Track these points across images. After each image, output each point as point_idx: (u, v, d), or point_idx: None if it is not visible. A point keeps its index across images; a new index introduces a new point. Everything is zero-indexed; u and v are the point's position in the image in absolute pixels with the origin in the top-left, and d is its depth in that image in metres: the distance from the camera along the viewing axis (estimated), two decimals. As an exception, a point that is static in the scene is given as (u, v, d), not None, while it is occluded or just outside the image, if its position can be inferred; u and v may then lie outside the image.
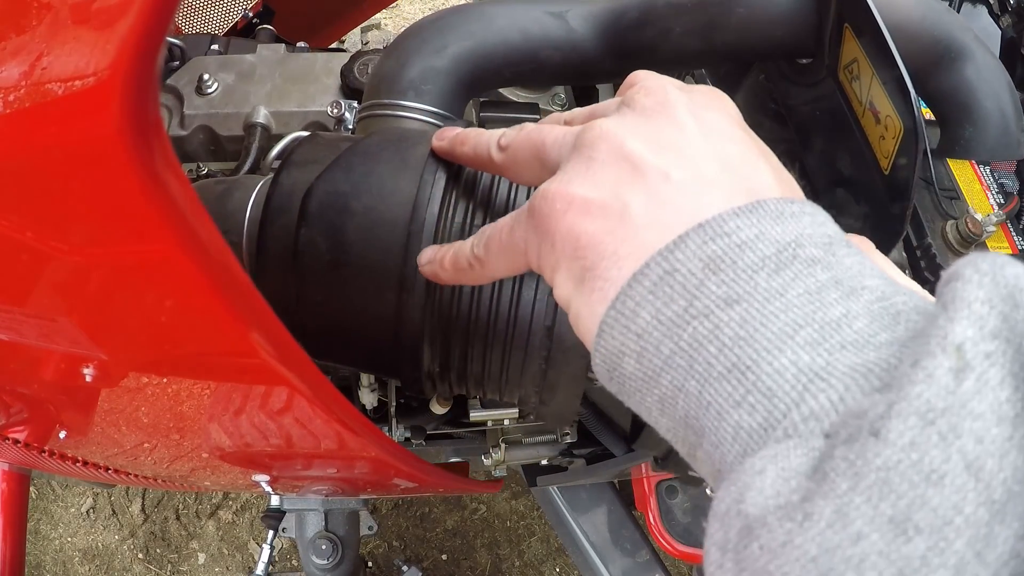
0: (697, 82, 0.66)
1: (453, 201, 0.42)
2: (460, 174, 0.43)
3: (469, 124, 0.49)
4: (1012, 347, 0.20)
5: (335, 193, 0.41)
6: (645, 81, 0.31)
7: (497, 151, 0.37)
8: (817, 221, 0.26)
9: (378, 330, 0.42)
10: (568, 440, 0.89)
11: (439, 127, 0.51)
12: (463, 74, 0.53)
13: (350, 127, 0.65)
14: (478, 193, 0.43)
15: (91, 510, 1.69)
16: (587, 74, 0.57)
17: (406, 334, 0.42)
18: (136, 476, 0.72)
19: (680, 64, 0.57)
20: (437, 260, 0.38)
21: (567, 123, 0.36)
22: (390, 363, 0.44)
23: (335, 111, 0.65)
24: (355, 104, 0.66)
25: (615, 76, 0.59)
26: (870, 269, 0.26)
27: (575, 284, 0.28)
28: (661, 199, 0.27)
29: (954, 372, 0.19)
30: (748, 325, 0.24)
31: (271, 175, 0.49)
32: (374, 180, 0.42)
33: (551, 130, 0.33)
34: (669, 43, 0.53)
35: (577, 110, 0.36)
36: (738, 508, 0.21)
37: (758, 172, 0.28)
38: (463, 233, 0.41)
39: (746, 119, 0.31)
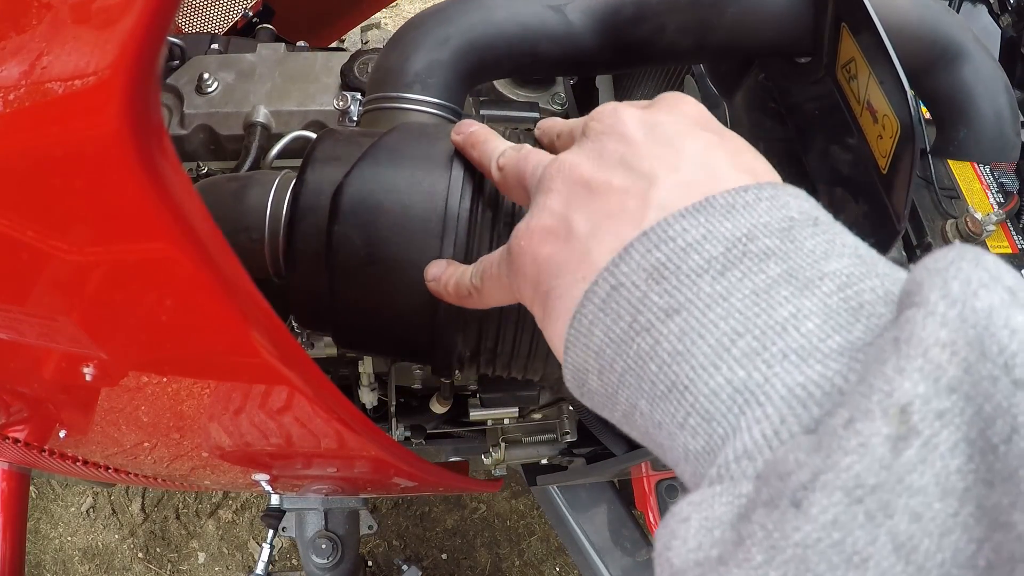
0: (697, 81, 0.66)
1: (483, 196, 0.43)
2: None
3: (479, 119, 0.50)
4: (972, 407, 0.17)
5: (366, 191, 0.42)
6: (599, 109, 0.32)
7: (496, 171, 0.37)
8: (777, 204, 0.25)
9: (413, 321, 0.43)
10: (568, 439, 0.89)
11: (448, 119, 0.52)
12: (465, 66, 0.53)
13: (354, 119, 0.66)
14: None
15: (91, 509, 1.69)
16: (585, 67, 0.57)
17: (441, 323, 0.43)
18: (136, 475, 0.72)
19: (676, 60, 0.57)
20: (442, 282, 0.39)
21: (559, 135, 0.38)
22: (423, 351, 0.46)
23: (340, 103, 0.66)
24: (359, 97, 0.66)
25: (613, 69, 0.59)
26: (839, 248, 0.23)
27: (544, 311, 0.29)
28: (605, 210, 0.27)
29: (892, 441, 0.17)
30: (687, 338, 0.22)
31: (286, 171, 0.50)
32: (403, 177, 0.43)
33: (536, 158, 0.34)
34: (664, 40, 0.53)
35: (570, 125, 0.37)
36: (666, 556, 0.20)
37: (713, 164, 0.27)
38: (493, 229, 0.43)
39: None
